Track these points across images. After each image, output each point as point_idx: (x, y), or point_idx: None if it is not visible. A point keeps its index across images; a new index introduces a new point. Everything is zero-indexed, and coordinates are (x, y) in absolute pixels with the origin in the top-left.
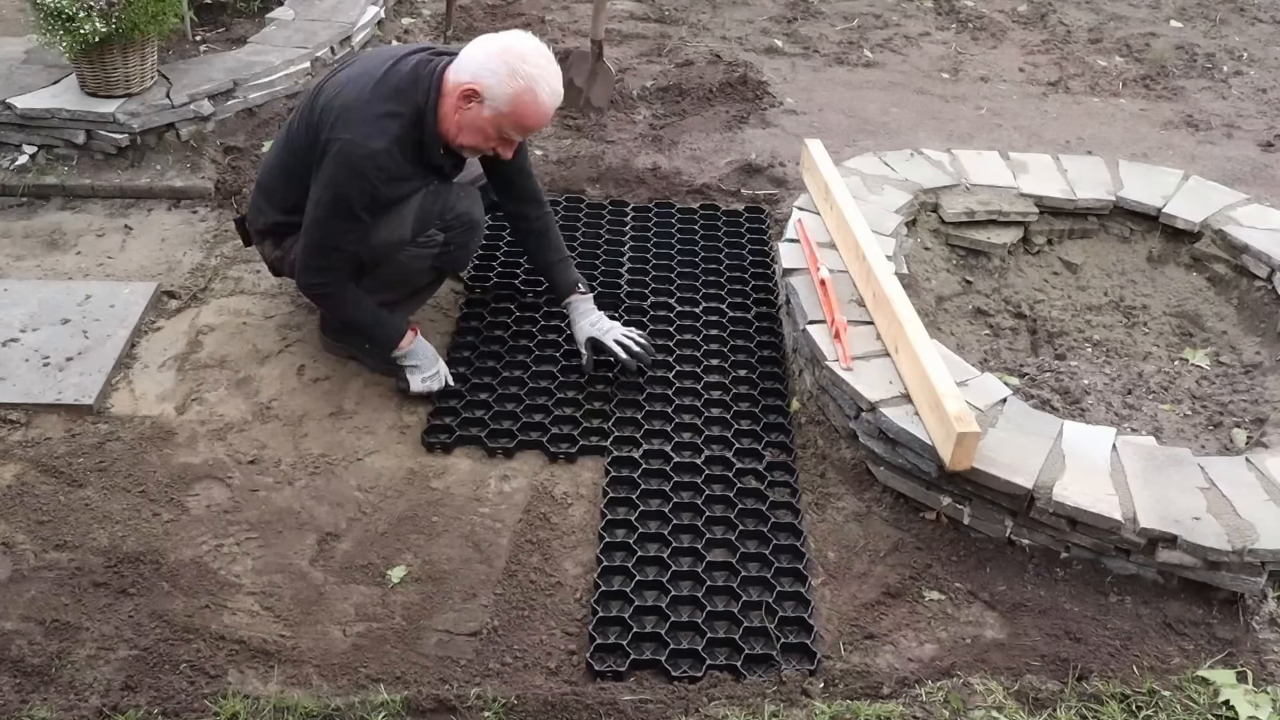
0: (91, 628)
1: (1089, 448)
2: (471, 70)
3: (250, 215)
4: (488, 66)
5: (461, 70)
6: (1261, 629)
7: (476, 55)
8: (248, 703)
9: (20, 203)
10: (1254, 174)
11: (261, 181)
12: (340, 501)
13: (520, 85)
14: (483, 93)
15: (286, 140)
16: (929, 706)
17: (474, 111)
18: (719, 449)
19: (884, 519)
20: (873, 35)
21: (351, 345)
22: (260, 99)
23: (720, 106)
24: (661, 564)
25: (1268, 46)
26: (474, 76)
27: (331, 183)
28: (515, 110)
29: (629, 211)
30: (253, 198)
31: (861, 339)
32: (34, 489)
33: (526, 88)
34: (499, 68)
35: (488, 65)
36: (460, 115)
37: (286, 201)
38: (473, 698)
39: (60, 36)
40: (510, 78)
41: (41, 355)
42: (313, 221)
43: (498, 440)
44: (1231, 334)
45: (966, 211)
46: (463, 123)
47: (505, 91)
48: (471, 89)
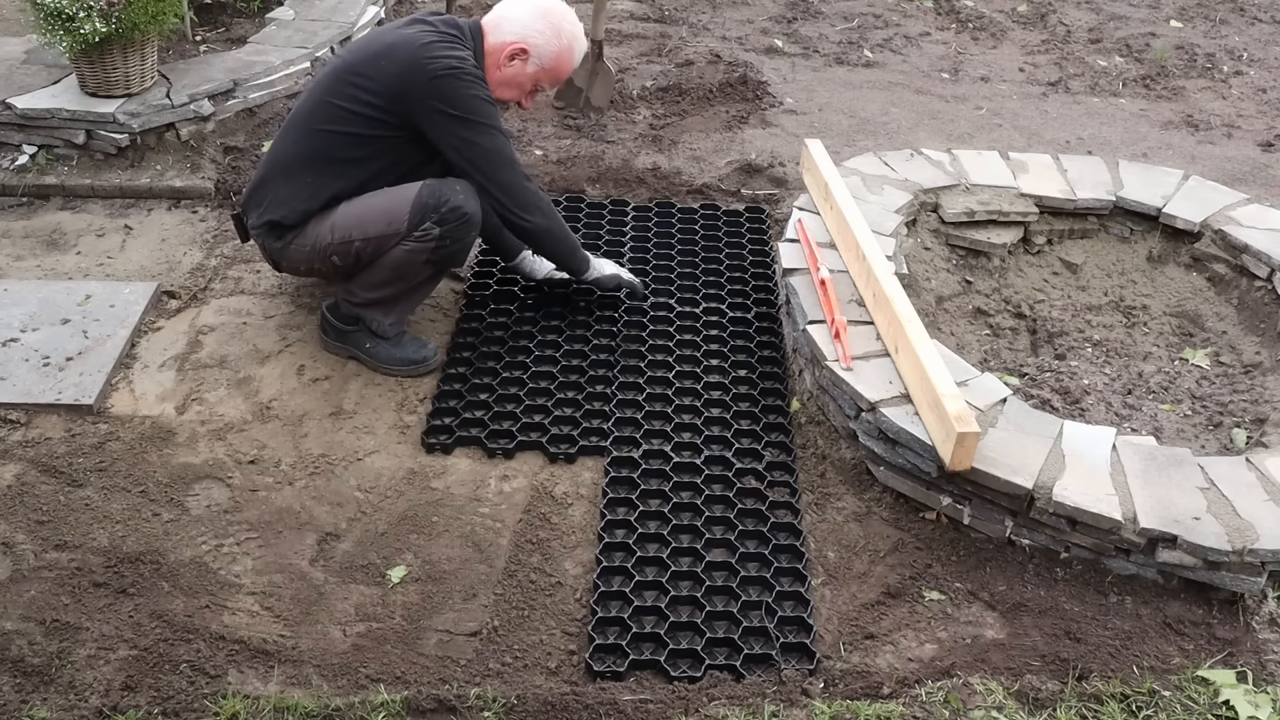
0: (91, 628)
1: (1089, 448)
2: (518, 31)
3: (264, 209)
4: (534, 27)
5: (505, 30)
6: (1261, 629)
7: (520, 15)
8: (248, 703)
9: (20, 203)
10: (1254, 174)
11: (288, 173)
12: (340, 501)
13: (564, 43)
14: (531, 51)
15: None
16: (929, 706)
17: (516, 68)
18: (719, 449)
19: (884, 519)
20: (873, 35)
21: (352, 344)
22: (260, 99)
23: (720, 106)
24: (661, 564)
25: (1268, 46)
26: (521, 37)
27: (463, 97)
28: (555, 65)
29: (629, 211)
30: (271, 191)
31: (861, 339)
32: (34, 489)
33: (568, 46)
34: (544, 27)
35: (534, 25)
36: (503, 71)
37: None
38: (473, 698)
39: (60, 36)
40: (556, 36)
41: (41, 355)
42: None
43: (497, 440)
44: (1231, 334)
45: (966, 211)
46: (504, 78)
47: (551, 49)
48: (520, 47)
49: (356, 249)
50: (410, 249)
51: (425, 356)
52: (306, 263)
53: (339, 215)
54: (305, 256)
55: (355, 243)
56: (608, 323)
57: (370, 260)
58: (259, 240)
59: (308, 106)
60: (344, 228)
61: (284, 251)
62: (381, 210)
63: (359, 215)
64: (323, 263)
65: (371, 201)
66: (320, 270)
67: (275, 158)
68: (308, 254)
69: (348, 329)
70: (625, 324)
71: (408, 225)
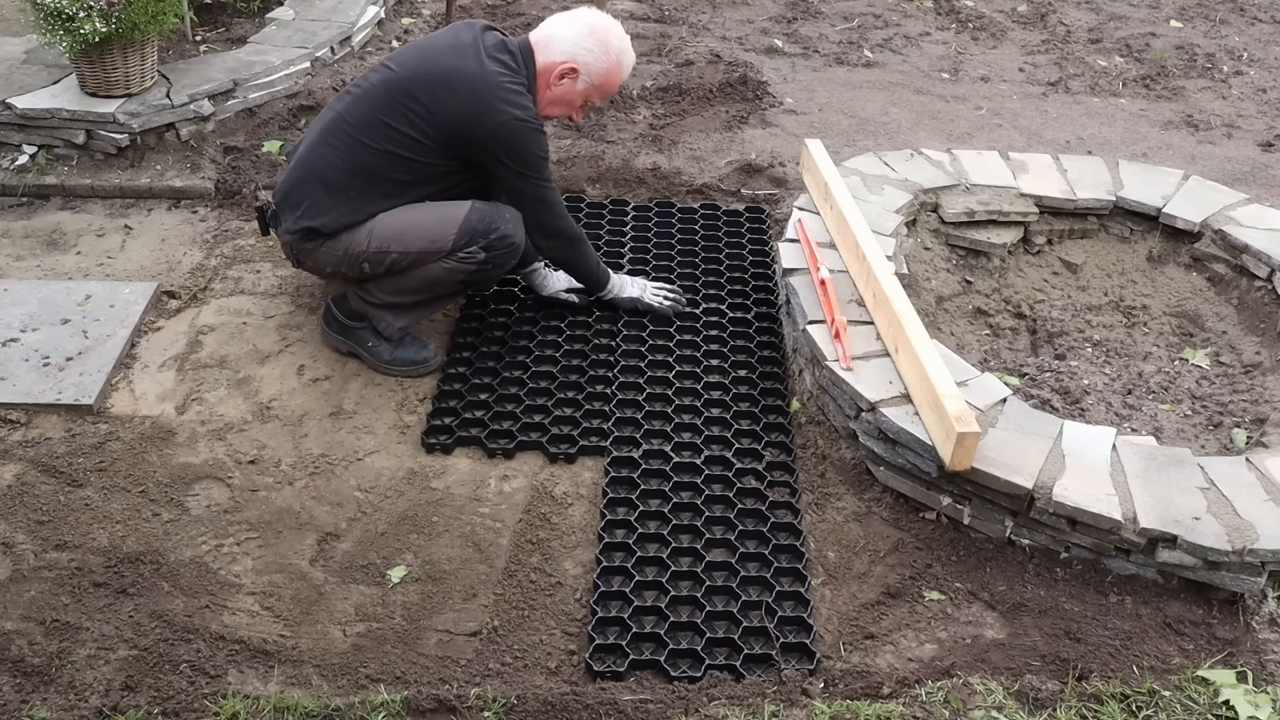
0: (91, 628)
1: (1089, 448)
2: (567, 50)
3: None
4: (583, 45)
5: (554, 50)
6: (1261, 629)
7: (567, 34)
8: (248, 703)
9: (20, 203)
10: (1254, 174)
11: (327, 184)
12: (340, 501)
13: (612, 59)
14: (580, 69)
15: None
16: (929, 706)
17: (566, 87)
18: (719, 449)
19: (884, 519)
20: (873, 35)
21: (354, 341)
22: (260, 99)
23: (720, 106)
24: (661, 564)
25: (1268, 46)
26: (571, 56)
27: (523, 153)
28: (605, 81)
29: (629, 211)
30: (310, 197)
31: (861, 339)
32: (34, 489)
33: (616, 61)
34: (594, 46)
35: (583, 44)
36: (553, 90)
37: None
38: (473, 698)
39: (60, 36)
40: (604, 53)
41: (41, 355)
42: (534, 193)
43: (497, 440)
44: (1231, 334)
45: (966, 211)
46: (554, 97)
47: (600, 66)
48: (570, 67)
49: (392, 260)
50: (449, 268)
51: (425, 358)
52: (334, 266)
53: (379, 224)
54: (334, 260)
55: (393, 254)
56: (608, 323)
57: (402, 271)
58: (289, 242)
59: (356, 117)
60: (383, 238)
61: (313, 254)
62: (428, 227)
63: (401, 228)
64: (351, 268)
65: (417, 215)
66: (345, 274)
67: (316, 163)
68: (337, 259)
69: (352, 324)
70: (625, 324)
71: (452, 246)
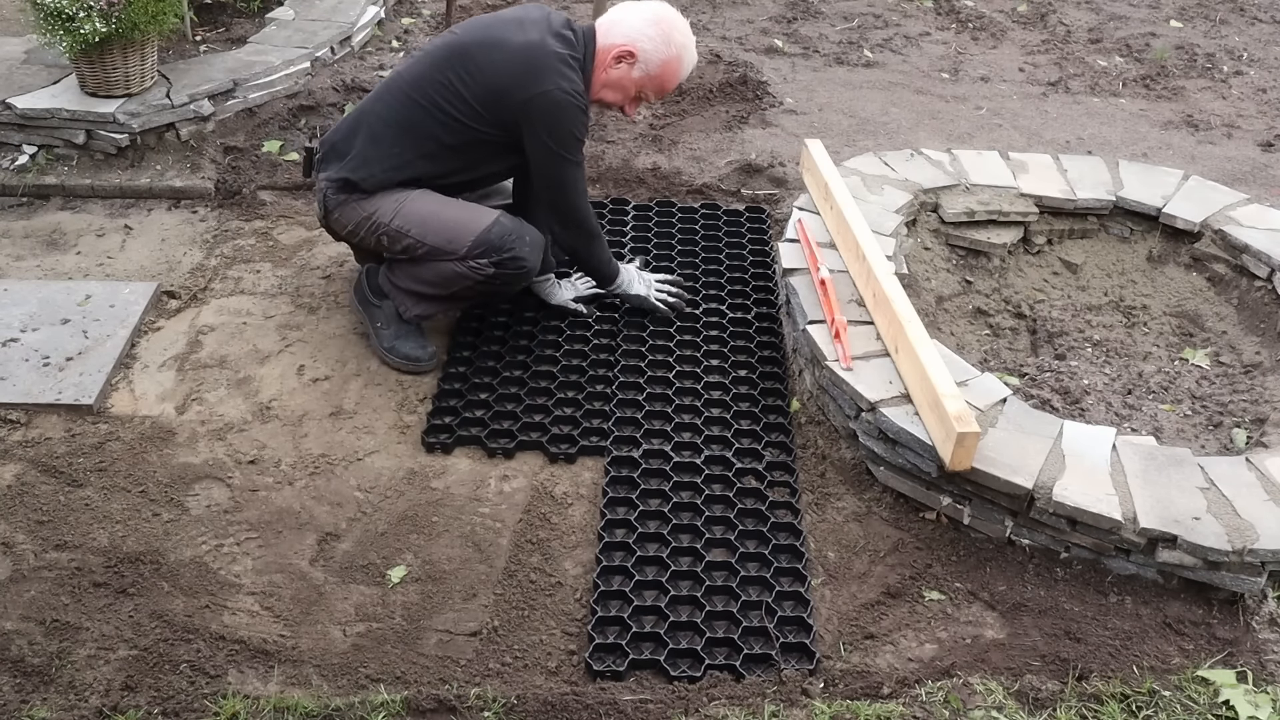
0: (91, 628)
1: (1089, 448)
2: (628, 34)
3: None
4: (645, 32)
5: (615, 33)
6: (1261, 629)
7: (632, 20)
8: (248, 703)
9: (20, 203)
10: (1254, 174)
11: (375, 136)
12: (340, 501)
13: (672, 53)
14: (638, 55)
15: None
16: (929, 706)
17: (622, 71)
18: (719, 449)
19: (884, 519)
20: (873, 35)
21: (369, 317)
22: (260, 99)
23: (720, 106)
24: (661, 564)
25: (1268, 46)
26: (630, 39)
27: (559, 127)
28: (663, 74)
29: (629, 211)
30: (356, 149)
31: (861, 339)
32: (34, 489)
33: (676, 55)
34: (655, 34)
35: (645, 31)
36: (608, 73)
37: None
38: (473, 698)
39: (60, 36)
40: (665, 44)
41: (41, 355)
42: (561, 172)
43: (498, 440)
44: (1231, 334)
45: (966, 211)
46: (609, 80)
47: (659, 57)
48: (628, 50)
49: (408, 244)
50: (460, 272)
51: (420, 356)
52: (354, 227)
53: (409, 203)
54: (357, 222)
55: (410, 239)
56: (608, 323)
57: (418, 259)
58: (323, 189)
59: (412, 74)
60: (407, 219)
61: (341, 207)
62: (449, 225)
63: (425, 216)
64: (369, 235)
65: (444, 209)
66: (363, 241)
67: (366, 117)
68: (359, 221)
69: (372, 301)
70: (625, 324)
71: (466, 252)
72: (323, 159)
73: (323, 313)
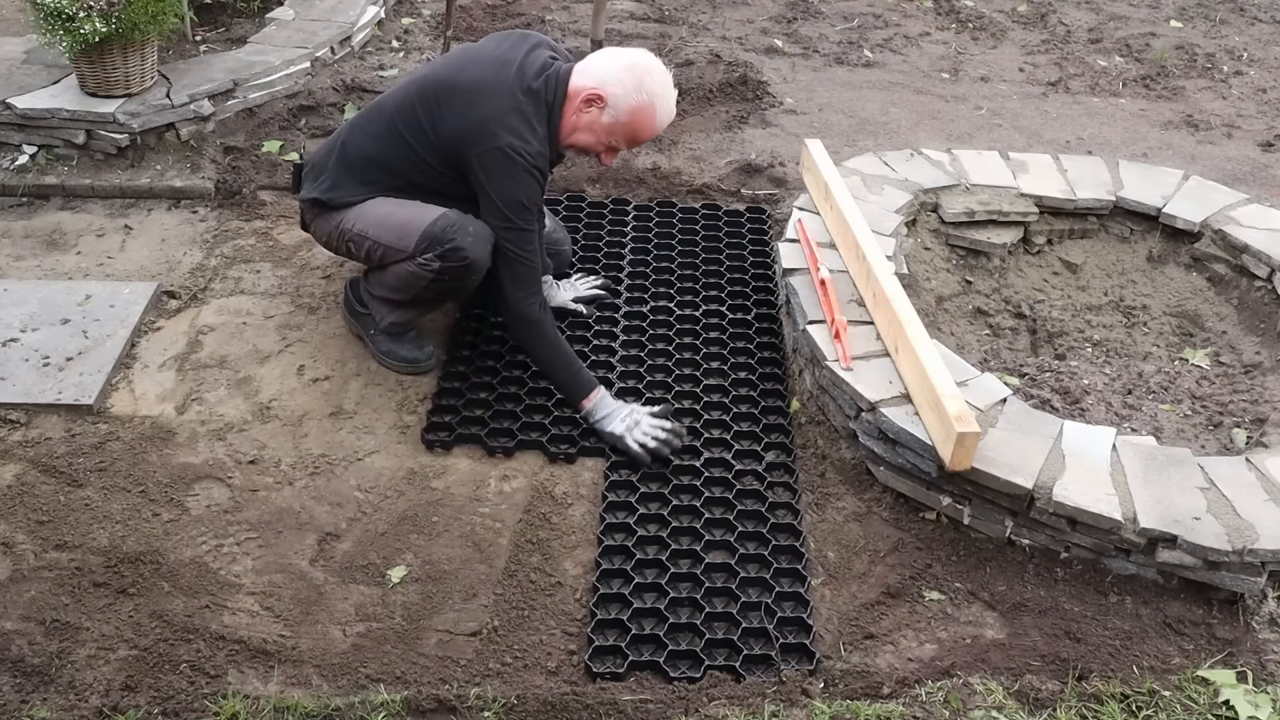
0: (91, 628)
1: (1089, 448)
2: (598, 77)
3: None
4: (616, 77)
5: (587, 75)
6: (1261, 629)
7: (606, 65)
8: (248, 703)
9: (20, 203)
10: (1254, 174)
11: (348, 163)
12: (340, 501)
13: (643, 100)
14: (607, 99)
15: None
16: (929, 706)
17: (593, 116)
18: (719, 449)
19: (884, 519)
20: (873, 35)
21: (361, 326)
22: (260, 99)
23: (720, 106)
24: (661, 565)
25: (1268, 46)
26: (600, 83)
27: (505, 187)
28: (632, 122)
29: (630, 211)
30: (332, 174)
31: (861, 339)
32: (34, 489)
33: (648, 103)
34: (626, 79)
35: (617, 76)
36: (579, 117)
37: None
38: (473, 698)
39: (60, 36)
40: (635, 91)
41: (41, 355)
42: (504, 238)
43: (498, 440)
44: (1231, 334)
45: (966, 211)
46: (579, 124)
47: (628, 103)
48: (597, 94)
49: (368, 246)
50: (414, 271)
51: (418, 358)
52: (327, 237)
53: (367, 207)
54: (328, 232)
55: (369, 240)
56: (608, 323)
57: (380, 262)
58: (301, 206)
59: (393, 103)
60: (365, 221)
61: (315, 220)
62: (400, 223)
63: (380, 217)
64: (340, 243)
65: (396, 210)
66: (337, 249)
67: (348, 142)
68: (330, 231)
69: (361, 311)
70: (625, 326)
71: (414, 248)
72: (306, 175)
73: (323, 313)
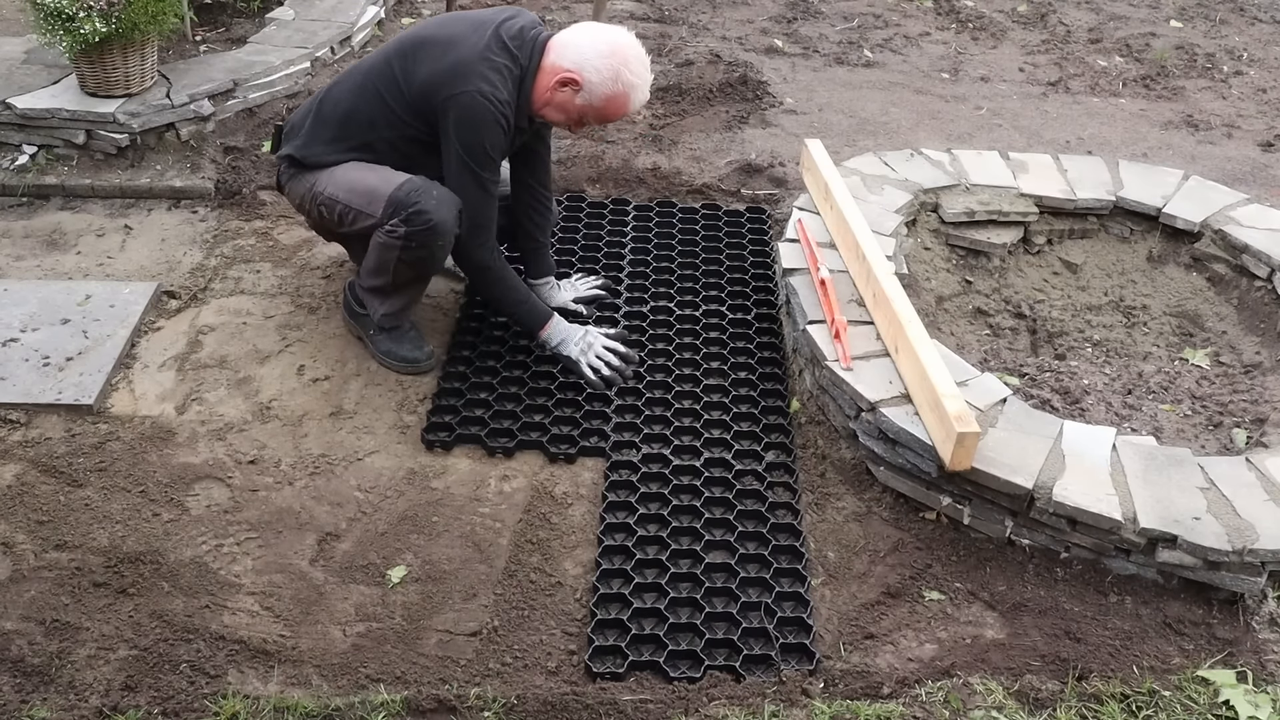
0: (91, 628)
1: (1089, 448)
2: (575, 60)
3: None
4: (594, 64)
5: (565, 56)
6: (1261, 629)
7: (584, 47)
8: (248, 703)
9: (20, 203)
10: (1254, 174)
11: (323, 117)
12: (340, 501)
13: (619, 90)
14: (583, 84)
15: (364, 86)
16: (929, 706)
17: (566, 96)
18: (719, 450)
19: (884, 519)
20: (873, 35)
21: (361, 327)
22: (260, 99)
23: (720, 106)
24: (661, 565)
25: (1268, 46)
26: (577, 66)
27: (470, 133)
28: (605, 107)
29: (630, 211)
30: (307, 127)
31: (861, 339)
32: (34, 489)
33: (623, 93)
34: (604, 67)
35: (594, 63)
36: (553, 94)
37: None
38: (473, 698)
39: (60, 36)
40: (612, 80)
41: (41, 355)
42: (462, 185)
43: (498, 440)
44: (1231, 334)
45: (966, 211)
46: (552, 101)
47: (603, 91)
48: (572, 77)
49: (339, 210)
50: (384, 241)
51: (418, 358)
52: (299, 201)
53: (339, 171)
54: (301, 195)
55: (339, 204)
56: (608, 324)
57: (351, 227)
58: (277, 165)
59: (370, 62)
60: (336, 185)
61: (290, 182)
62: (369, 187)
63: (351, 182)
64: (312, 207)
65: (366, 174)
66: (310, 214)
67: (325, 99)
68: (303, 194)
69: (360, 312)
70: (625, 326)
71: (381, 214)
72: (285, 135)
73: (323, 313)
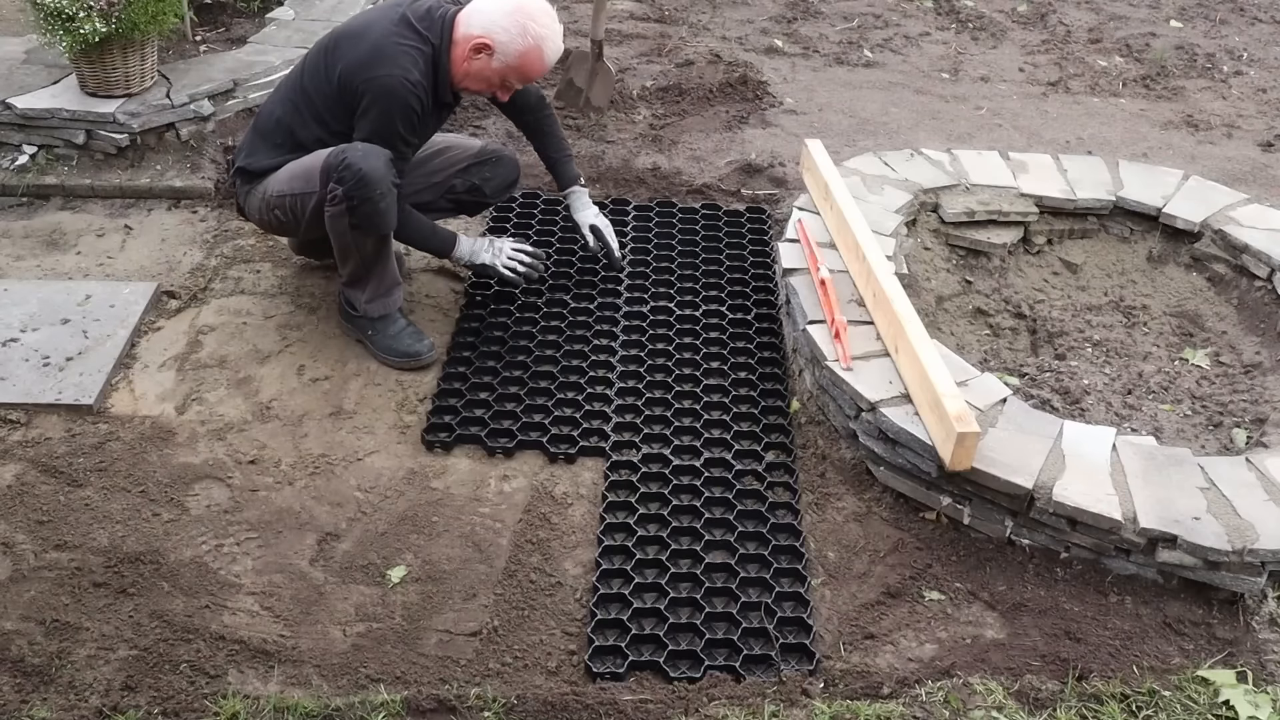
0: (91, 628)
1: (1089, 448)
2: (483, 25)
3: (240, 155)
4: (500, 24)
5: (472, 24)
6: (1261, 629)
7: (487, 11)
8: (248, 703)
9: (20, 203)
10: (1254, 174)
11: (259, 127)
12: (340, 501)
13: (530, 44)
14: (494, 47)
15: (295, 87)
16: (929, 706)
17: (482, 62)
18: (719, 450)
19: (884, 519)
20: (873, 35)
21: (358, 329)
22: (260, 99)
23: (720, 106)
24: (661, 565)
25: (1268, 46)
26: (485, 31)
27: (382, 115)
28: (522, 64)
29: (630, 211)
30: (250, 141)
31: (861, 339)
32: (34, 489)
33: (535, 45)
34: (510, 26)
35: (500, 22)
36: (469, 64)
37: (283, 147)
38: (473, 698)
39: (60, 36)
40: (521, 36)
41: (41, 355)
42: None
43: (498, 440)
44: (1231, 334)
45: (966, 211)
46: (470, 70)
47: (515, 49)
48: (483, 42)
49: (289, 202)
50: (332, 214)
51: (419, 350)
52: (258, 213)
53: (281, 170)
54: (257, 206)
55: (287, 197)
56: (608, 323)
57: (306, 218)
58: (232, 184)
59: (302, 64)
60: (279, 182)
61: (246, 198)
62: (305, 169)
63: (290, 173)
64: (268, 214)
65: (303, 161)
66: (271, 224)
67: (263, 111)
68: (258, 205)
69: (352, 313)
70: (625, 326)
71: (320, 186)
72: (235, 155)
73: (323, 313)
